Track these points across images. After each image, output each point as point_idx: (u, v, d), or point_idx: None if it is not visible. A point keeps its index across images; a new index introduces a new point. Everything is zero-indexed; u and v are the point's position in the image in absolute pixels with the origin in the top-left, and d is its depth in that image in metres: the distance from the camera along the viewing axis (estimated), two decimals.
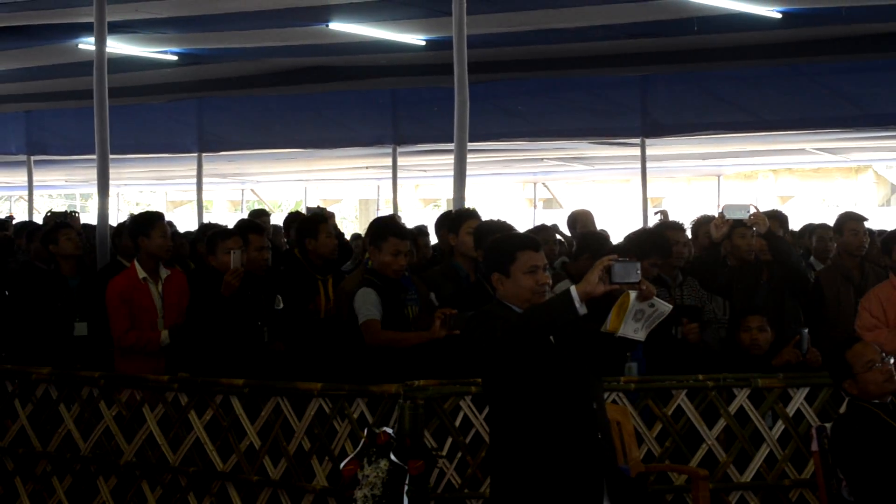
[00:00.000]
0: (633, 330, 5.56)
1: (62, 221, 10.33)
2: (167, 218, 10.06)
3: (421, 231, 12.05)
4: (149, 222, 9.02)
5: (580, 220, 11.68)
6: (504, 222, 8.45)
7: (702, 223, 10.36)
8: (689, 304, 8.68)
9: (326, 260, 9.18)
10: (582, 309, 5.36)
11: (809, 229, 12.04)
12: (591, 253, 8.46)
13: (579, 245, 9.27)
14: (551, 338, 5.59)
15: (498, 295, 5.79)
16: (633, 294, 5.50)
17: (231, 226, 9.64)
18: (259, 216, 13.24)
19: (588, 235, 9.70)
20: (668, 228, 9.21)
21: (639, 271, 5.40)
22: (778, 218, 10.35)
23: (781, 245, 9.02)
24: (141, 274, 8.88)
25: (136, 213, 10.80)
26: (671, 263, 8.80)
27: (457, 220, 8.62)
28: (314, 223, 9.27)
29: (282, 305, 8.80)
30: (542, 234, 10.55)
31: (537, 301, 5.63)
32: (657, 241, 8.46)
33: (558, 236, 11.83)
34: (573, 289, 5.39)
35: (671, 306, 5.65)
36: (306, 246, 9.12)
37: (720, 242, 9.17)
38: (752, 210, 8.75)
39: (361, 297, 7.86)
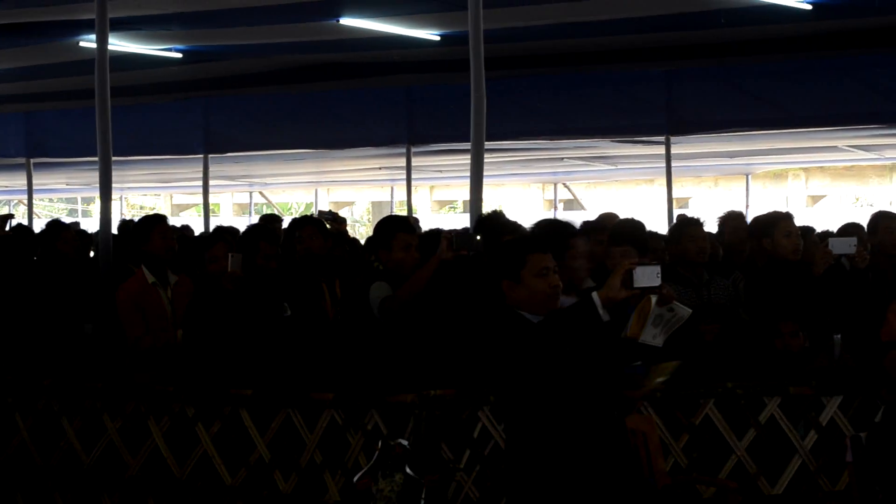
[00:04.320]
0: (652, 336, 5.51)
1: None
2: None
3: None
4: (149, 225, 9.00)
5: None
6: (501, 213, 8.37)
7: (727, 220, 10.06)
8: (719, 303, 8.49)
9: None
10: (605, 315, 5.28)
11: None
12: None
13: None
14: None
15: (508, 301, 5.63)
16: (654, 299, 5.45)
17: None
18: (271, 221, 13.08)
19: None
20: (685, 225, 8.90)
21: (659, 275, 5.32)
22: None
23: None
24: (150, 279, 8.75)
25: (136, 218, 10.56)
26: (693, 261, 8.56)
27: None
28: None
29: (289, 312, 8.51)
30: None
31: (552, 305, 5.54)
32: (631, 229, 8.36)
33: None
34: (595, 295, 5.31)
35: (691, 311, 5.59)
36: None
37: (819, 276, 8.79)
38: (856, 245, 8.58)
39: (376, 289, 7.78)
